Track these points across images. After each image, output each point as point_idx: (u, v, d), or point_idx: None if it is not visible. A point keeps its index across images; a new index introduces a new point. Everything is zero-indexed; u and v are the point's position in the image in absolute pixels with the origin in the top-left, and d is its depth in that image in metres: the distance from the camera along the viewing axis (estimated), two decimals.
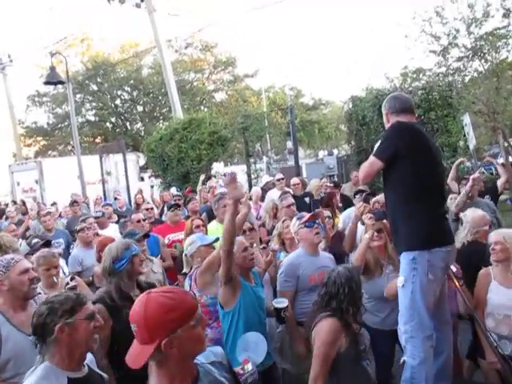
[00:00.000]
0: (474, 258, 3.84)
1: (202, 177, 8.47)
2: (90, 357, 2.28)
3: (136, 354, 1.61)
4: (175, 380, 1.63)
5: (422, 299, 2.95)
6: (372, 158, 3.15)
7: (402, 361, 3.01)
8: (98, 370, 2.31)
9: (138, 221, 5.57)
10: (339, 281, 2.88)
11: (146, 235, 4.63)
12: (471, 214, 4.25)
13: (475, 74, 12.71)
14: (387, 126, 3.36)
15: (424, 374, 2.89)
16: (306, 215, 4.03)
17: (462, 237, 4.15)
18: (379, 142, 3.25)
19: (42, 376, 1.97)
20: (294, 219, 4.15)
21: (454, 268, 3.43)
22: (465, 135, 9.04)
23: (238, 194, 3.05)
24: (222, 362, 1.87)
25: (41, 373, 1.98)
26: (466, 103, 9.06)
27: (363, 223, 4.64)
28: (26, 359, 2.57)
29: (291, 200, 5.71)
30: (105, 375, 2.32)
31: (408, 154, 3.00)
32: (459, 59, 14.61)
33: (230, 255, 3.16)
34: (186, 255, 3.94)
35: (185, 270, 4.01)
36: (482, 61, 13.76)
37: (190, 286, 3.75)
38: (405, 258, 3.03)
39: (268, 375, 3.44)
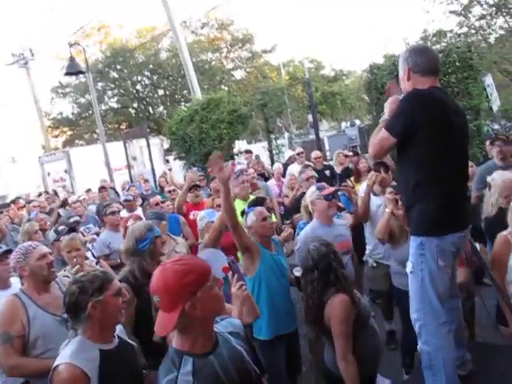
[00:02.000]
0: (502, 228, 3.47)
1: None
2: (120, 327, 2.43)
3: (163, 322, 1.72)
4: (197, 343, 1.75)
5: (432, 287, 2.71)
6: (384, 132, 2.72)
7: (418, 348, 2.86)
8: (127, 339, 2.45)
9: (157, 203, 5.78)
10: (315, 256, 3.03)
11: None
12: (500, 178, 3.92)
13: (500, 32, 12.24)
14: (404, 85, 2.84)
15: (442, 361, 2.72)
16: (328, 188, 4.07)
17: (490, 203, 3.89)
18: (394, 112, 2.76)
19: (76, 349, 2.11)
20: (313, 188, 4.19)
21: None
22: (487, 96, 8.82)
23: (225, 174, 3.17)
24: (240, 333, 1.97)
25: (75, 346, 2.13)
26: (486, 64, 8.80)
27: (375, 193, 4.69)
28: (53, 337, 2.77)
29: (310, 173, 5.76)
30: (134, 343, 2.47)
31: (426, 129, 2.60)
32: (482, 17, 14.15)
33: (236, 229, 3.34)
34: (199, 229, 4.19)
35: (199, 242, 4.26)
36: (507, 17, 13.22)
37: None
38: (413, 243, 2.80)
39: (291, 340, 3.62)
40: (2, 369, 2.80)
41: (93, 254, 5.13)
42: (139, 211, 6.95)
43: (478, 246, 4.03)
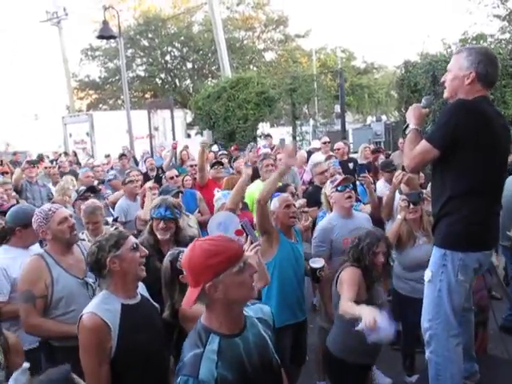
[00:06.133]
0: None
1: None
2: (143, 287, 2.54)
3: (187, 296, 1.76)
4: (224, 323, 1.75)
5: (448, 299, 2.66)
6: (426, 144, 2.59)
7: (426, 357, 2.82)
8: (150, 300, 2.53)
9: (171, 177, 5.77)
10: (362, 237, 3.18)
11: (180, 192, 4.81)
12: None
13: None
14: (458, 86, 2.66)
15: (449, 373, 2.70)
16: (338, 179, 4.05)
17: None
18: (437, 124, 2.69)
19: (100, 300, 2.26)
20: (328, 182, 4.22)
21: None
22: None
23: (292, 162, 3.37)
24: (268, 320, 1.96)
25: (100, 298, 2.28)
26: None
27: (401, 192, 4.64)
28: (74, 299, 2.81)
29: (324, 167, 5.72)
30: (156, 304, 2.54)
31: (469, 142, 2.50)
32: None
33: (263, 208, 3.39)
34: (215, 210, 4.22)
35: None
36: None
37: None
38: (436, 252, 2.73)
39: (299, 329, 3.62)
40: (23, 326, 2.84)
41: (113, 216, 5.18)
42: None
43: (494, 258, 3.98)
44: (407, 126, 2.85)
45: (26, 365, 2.43)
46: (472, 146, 2.52)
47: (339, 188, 3.96)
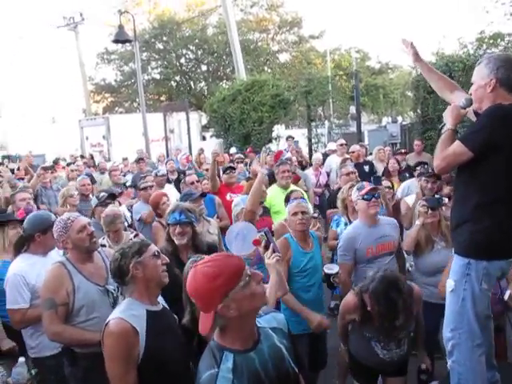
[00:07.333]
0: None
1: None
2: (162, 299, 2.54)
3: (202, 322, 1.73)
4: (238, 339, 1.74)
5: (472, 308, 2.62)
6: (460, 145, 2.54)
7: (448, 366, 2.79)
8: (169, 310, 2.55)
9: (192, 183, 5.75)
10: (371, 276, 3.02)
11: (204, 195, 4.81)
12: None
13: None
14: (482, 95, 2.66)
15: (472, 383, 2.67)
16: (366, 187, 3.99)
17: None
18: (473, 127, 2.64)
19: (125, 307, 2.27)
20: (355, 188, 4.11)
21: None
22: None
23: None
24: (283, 329, 1.94)
25: (125, 305, 2.30)
26: None
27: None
28: (95, 306, 2.83)
29: (350, 168, 5.68)
30: (174, 315, 2.55)
31: (505, 147, 2.48)
32: None
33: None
34: (233, 215, 4.20)
35: None
36: None
37: None
38: (458, 261, 2.67)
39: (317, 337, 3.59)
40: (45, 333, 2.87)
41: (127, 220, 5.23)
42: (169, 187, 6.97)
43: None
44: (443, 126, 2.79)
45: (22, 359, 2.70)
46: (507, 151, 2.49)
47: (366, 197, 3.87)
